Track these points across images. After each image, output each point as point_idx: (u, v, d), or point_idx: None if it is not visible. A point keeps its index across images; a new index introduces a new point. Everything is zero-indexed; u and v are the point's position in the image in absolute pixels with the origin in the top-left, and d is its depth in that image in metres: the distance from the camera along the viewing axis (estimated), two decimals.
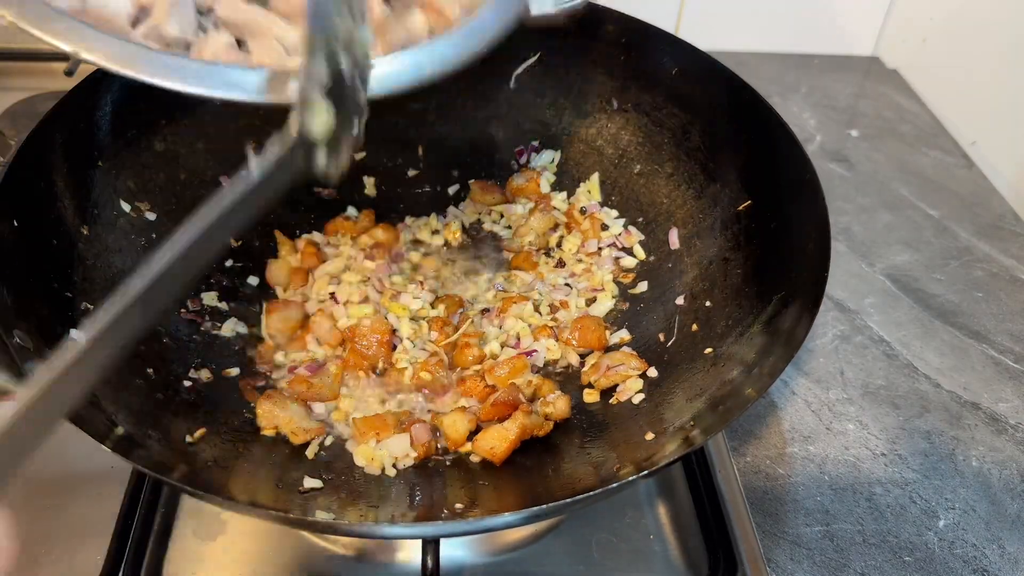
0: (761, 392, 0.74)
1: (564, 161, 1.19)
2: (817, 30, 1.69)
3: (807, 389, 1.04)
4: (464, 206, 1.19)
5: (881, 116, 1.55)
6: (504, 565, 0.84)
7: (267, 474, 0.80)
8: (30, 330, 0.75)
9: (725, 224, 1.01)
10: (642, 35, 1.10)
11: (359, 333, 0.96)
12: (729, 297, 0.95)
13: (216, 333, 0.97)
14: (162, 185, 1.00)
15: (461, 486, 0.84)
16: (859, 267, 1.22)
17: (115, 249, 0.93)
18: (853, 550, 0.87)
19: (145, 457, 0.72)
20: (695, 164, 1.07)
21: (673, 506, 0.89)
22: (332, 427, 0.91)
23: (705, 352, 0.91)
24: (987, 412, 1.02)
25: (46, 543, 0.82)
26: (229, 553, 0.83)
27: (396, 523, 0.73)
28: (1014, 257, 1.24)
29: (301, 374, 0.94)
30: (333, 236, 1.11)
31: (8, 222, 0.79)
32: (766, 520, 0.89)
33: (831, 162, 1.42)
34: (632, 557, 0.85)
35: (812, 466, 0.95)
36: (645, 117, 1.12)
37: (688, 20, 1.64)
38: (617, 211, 1.14)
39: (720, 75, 1.03)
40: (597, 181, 1.16)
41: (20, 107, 1.29)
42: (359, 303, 1.01)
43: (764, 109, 0.98)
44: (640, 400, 0.92)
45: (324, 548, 0.84)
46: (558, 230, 1.14)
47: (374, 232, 1.11)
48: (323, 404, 0.93)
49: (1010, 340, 1.11)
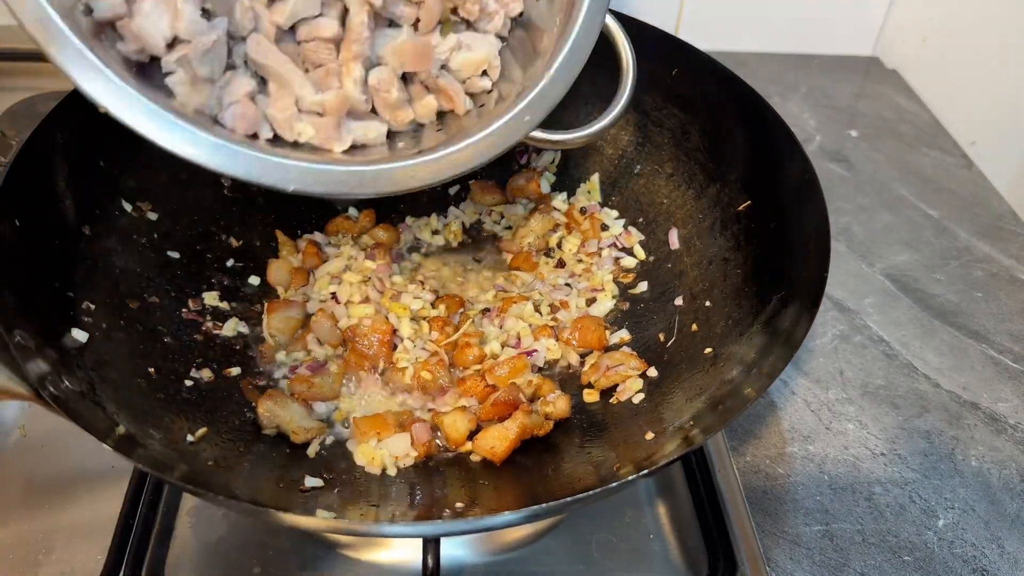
0: (761, 392, 0.75)
1: (564, 161, 1.19)
2: (817, 30, 1.70)
3: (807, 389, 1.04)
4: (464, 206, 1.19)
5: (881, 116, 1.55)
6: (504, 565, 0.84)
7: (268, 473, 0.81)
8: (31, 330, 0.75)
9: (725, 224, 1.01)
10: (642, 35, 1.10)
11: (360, 333, 0.96)
12: (729, 297, 0.95)
13: (217, 333, 0.97)
14: (164, 185, 1.00)
15: (461, 485, 0.84)
16: (859, 267, 1.22)
17: (117, 249, 0.93)
18: (853, 550, 0.87)
19: (146, 456, 0.73)
20: (695, 164, 1.07)
21: (673, 506, 0.90)
22: (333, 426, 0.91)
23: (705, 352, 0.91)
24: (986, 412, 1.02)
25: (46, 543, 0.82)
26: (229, 552, 0.83)
27: (396, 522, 0.73)
28: (1014, 257, 1.24)
29: (302, 374, 0.94)
30: (334, 236, 1.12)
31: (10, 222, 0.79)
32: (766, 520, 0.89)
33: (831, 162, 1.42)
34: (632, 557, 0.85)
35: (812, 466, 0.95)
36: (645, 117, 1.12)
37: (688, 20, 1.64)
38: (617, 211, 1.15)
39: (720, 75, 1.03)
40: (597, 181, 1.17)
41: (20, 107, 1.29)
42: (360, 303, 1.01)
43: (764, 109, 0.98)
44: (640, 400, 0.92)
45: (325, 547, 0.85)
46: (558, 230, 1.14)
47: (375, 232, 1.11)
48: (324, 403, 0.93)
49: (1010, 340, 1.11)
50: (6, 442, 0.90)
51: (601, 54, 0.79)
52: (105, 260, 0.91)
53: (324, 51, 0.72)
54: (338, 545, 0.85)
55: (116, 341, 0.85)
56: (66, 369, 0.75)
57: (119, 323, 0.87)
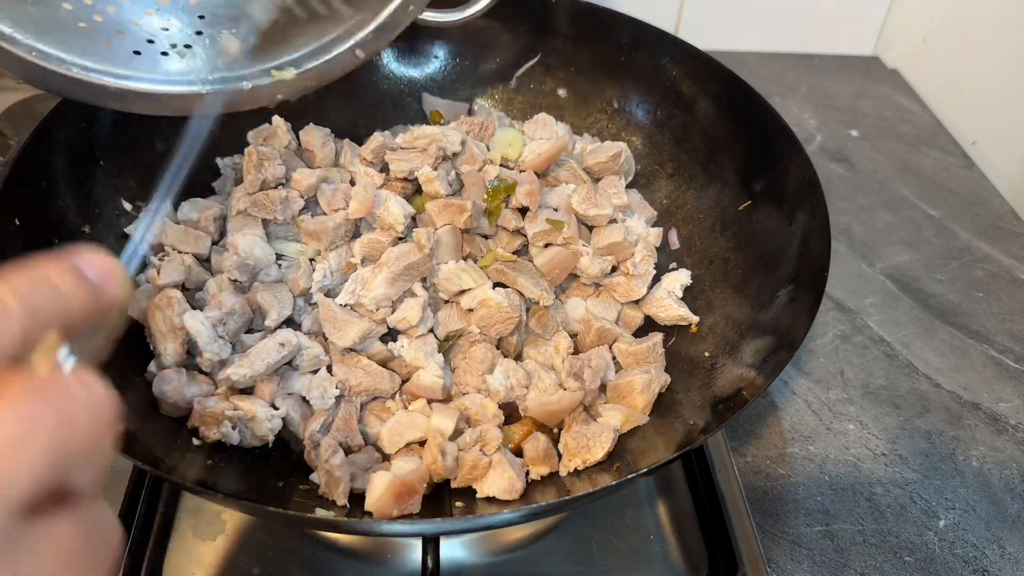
0: (761, 392, 0.75)
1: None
2: (817, 30, 1.70)
3: (807, 389, 1.04)
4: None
5: (881, 116, 1.55)
6: (504, 565, 0.84)
7: (268, 472, 0.80)
8: None
9: (725, 224, 1.01)
10: (642, 35, 1.11)
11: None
12: (729, 297, 0.95)
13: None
14: None
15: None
16: (859, 267, 1.22)
17: (117, 248, 0.93)
18: (853, 550, 0.87)
19: (146, 454, 0.73)
20: (695, 164, 1.07)
21: (673, 506, 0.89)
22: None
23: (705, 352, 0.91)
24: (987, 412, 1.02)
25: None
26: (229, 552, 0.83)
27: (396, 520, 0.73)
28: (1014, 257, 1.24)
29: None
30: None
31: (10, 221, 0.79)
32: (766, 520, 0.89)
33: (831, 162, 1.42)
34: (632, 557, 0.85)
35: (812, 466, 0.95)
36: (645, 117, 1.12)
37: (688, 20, 1.64)
38: None
39: (720, 75, 1.03)
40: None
41: (19, 107, 1.29)
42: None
43: (764, 109, 0.98)
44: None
45: (325, 547, 0.84)
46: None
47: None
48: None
49: (1010, 340, 1.11)
50: None
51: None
52: None
53: None
54: (338, 545, 0.85)
55: (116, 341, 0.85)
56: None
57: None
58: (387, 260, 0.86)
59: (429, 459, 0.78)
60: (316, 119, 1.08)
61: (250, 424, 0.80)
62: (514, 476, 0.77)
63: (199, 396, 0.80)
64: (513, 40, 1.17)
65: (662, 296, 0.96)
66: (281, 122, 1.04)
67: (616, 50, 1.12)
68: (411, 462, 0.78)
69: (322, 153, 1.02)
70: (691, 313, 0.95)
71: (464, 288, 0.90)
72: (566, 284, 0.99)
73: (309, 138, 1.03)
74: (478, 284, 0.90)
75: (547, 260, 0.93)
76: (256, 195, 0.93)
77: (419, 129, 0.99)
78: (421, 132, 0.98)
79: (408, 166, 0.97)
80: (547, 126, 1.10)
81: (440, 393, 0.84)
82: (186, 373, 0.81)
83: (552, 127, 1.10)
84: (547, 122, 1.10)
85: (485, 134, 1.06)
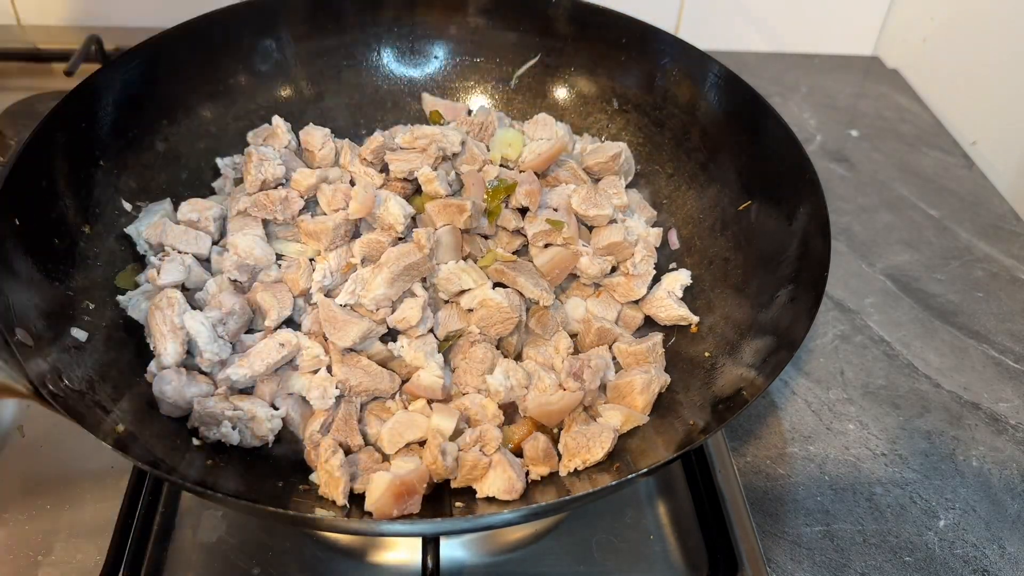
0: (761, 392, 0.75)
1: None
2: (817, 30, 1.70)
3: (807, 389, 1.04)
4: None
5: (881, 116, 1.55)
6: (504, 565, 0.84)
7: (268, 472, 0.80)
8: (31, 329, 0.75)
9: (725, 224, 1.01)
10: (642, 35, 1.10)
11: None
12: (729, 297, 0.95)
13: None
14: (163, 185, 1.00)
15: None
16: (859, 267, 1.22)
17: (116, 248, 0.93)
18: (853, 550, 0.87)
19: (146, 454, 0.73)
20: (695, 164, 1.07)
21: (673, 506, 0.89)
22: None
23: (705, 352, 0.91)
24: (987, 412, 1.02)
25: (45, 543, 0.82)
26: (229, 552, 0.83)
27: (396, 521, 0.73)
28: (1014, 257, 1.24)
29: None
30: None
31: (10, 221, 0.79)
32: (766, 520, 0.89)
33: (831, 162, 1.42)
34: (632, 557, 0.85)
35: (812, 466, 0.95)
36: (645, 117, 1.12)
37: (688, 20, 1.64)
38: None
39: (720, 75, 1.03)
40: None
41: (20, 107, 1.29)
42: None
43: (764, 109, 0.98)
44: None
45: (325, 547, 0.84)
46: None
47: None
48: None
49: (1010, 340, 1.11)
50: (5, 442, 0.90)
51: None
52: (105, 259, 0.91)
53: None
54: (338, 545, 0.85)
55: (116, 340, 0.85)
56: (66, 368, 0.75)
57: (119, 322, 0.87)
58: (387, 260, 0.86)
59: (429, 459, 0.78)
60: (316, 119, 1.08)
61: (250, 424, 0.80)
62: (514, 476, 0.77)
63: (199, 396, 0.80)
64: (513, 40, 1.17)
65: (662, 296, 0.96)
66: (281, 122, 1.04)
67: (616, 50, 1.12)
68: (411, 462, 0.78)
69: (322, 153, 1.02)
70: (691, 313, 0.95)
71: (464, 288, 0.90)
72: (566, 284, 0.99)
73: (309, 138, 1.03)
74: (478, 284, 0.90)
75: (547, 260, 0.93)
76: (256, 195, 0.93)
77: (419, 129, 0.99)
78: (421, 132, 0.98)
79: (408, 166, 0.97)
80: (547, 126, 1.10)
81: (440, 393, 0.84)
82: (186, 373, 0.81)
83: (552, 127, 1.10)
84: (547, 122, 1.10)
85: (485, 134, 1.06)
